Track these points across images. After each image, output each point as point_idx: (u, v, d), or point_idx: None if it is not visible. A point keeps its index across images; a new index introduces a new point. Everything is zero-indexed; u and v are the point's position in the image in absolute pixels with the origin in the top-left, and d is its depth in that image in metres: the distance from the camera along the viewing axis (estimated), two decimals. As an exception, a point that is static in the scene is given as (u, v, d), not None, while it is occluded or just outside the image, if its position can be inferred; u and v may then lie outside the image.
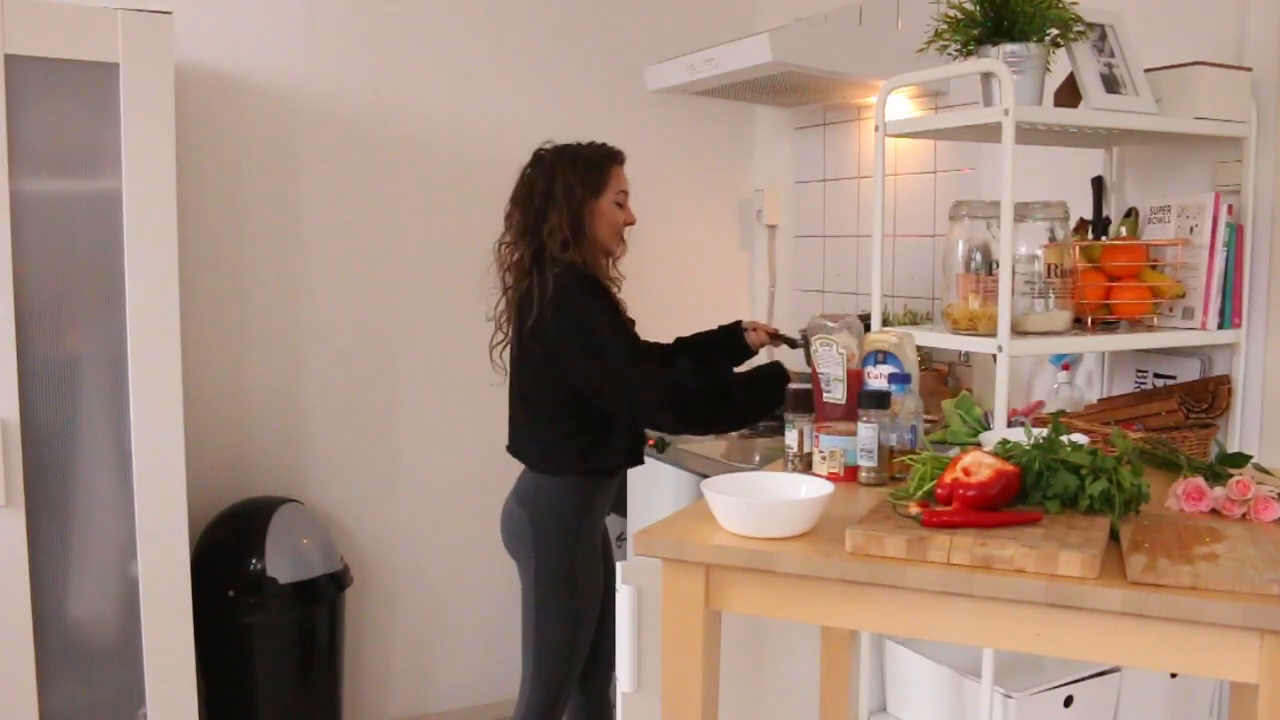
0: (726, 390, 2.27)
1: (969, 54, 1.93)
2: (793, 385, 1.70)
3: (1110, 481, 1.33)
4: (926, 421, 1.71)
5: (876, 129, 2.09)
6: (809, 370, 1.75)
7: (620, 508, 2.90)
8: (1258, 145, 2.07)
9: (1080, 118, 1.97)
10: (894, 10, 3.00)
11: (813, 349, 1.74)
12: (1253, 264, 2.10)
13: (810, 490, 1.41)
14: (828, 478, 1.53)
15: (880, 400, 1.56)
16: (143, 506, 2.35)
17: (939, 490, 1.34)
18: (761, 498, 1.40)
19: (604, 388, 2.19)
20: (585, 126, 2.40)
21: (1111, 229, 2.29)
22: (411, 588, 3.20)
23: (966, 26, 1.90)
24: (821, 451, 1.58)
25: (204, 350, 2.84)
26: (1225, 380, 2.12)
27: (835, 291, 3.32)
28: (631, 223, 2.31)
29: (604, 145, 2.28)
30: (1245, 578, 1.12)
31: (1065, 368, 2.46)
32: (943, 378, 2.82)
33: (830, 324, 1.72)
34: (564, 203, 2.20)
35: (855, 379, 1.67)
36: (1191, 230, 2.08)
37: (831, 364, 1.71)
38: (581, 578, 2.26)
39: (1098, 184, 2.36)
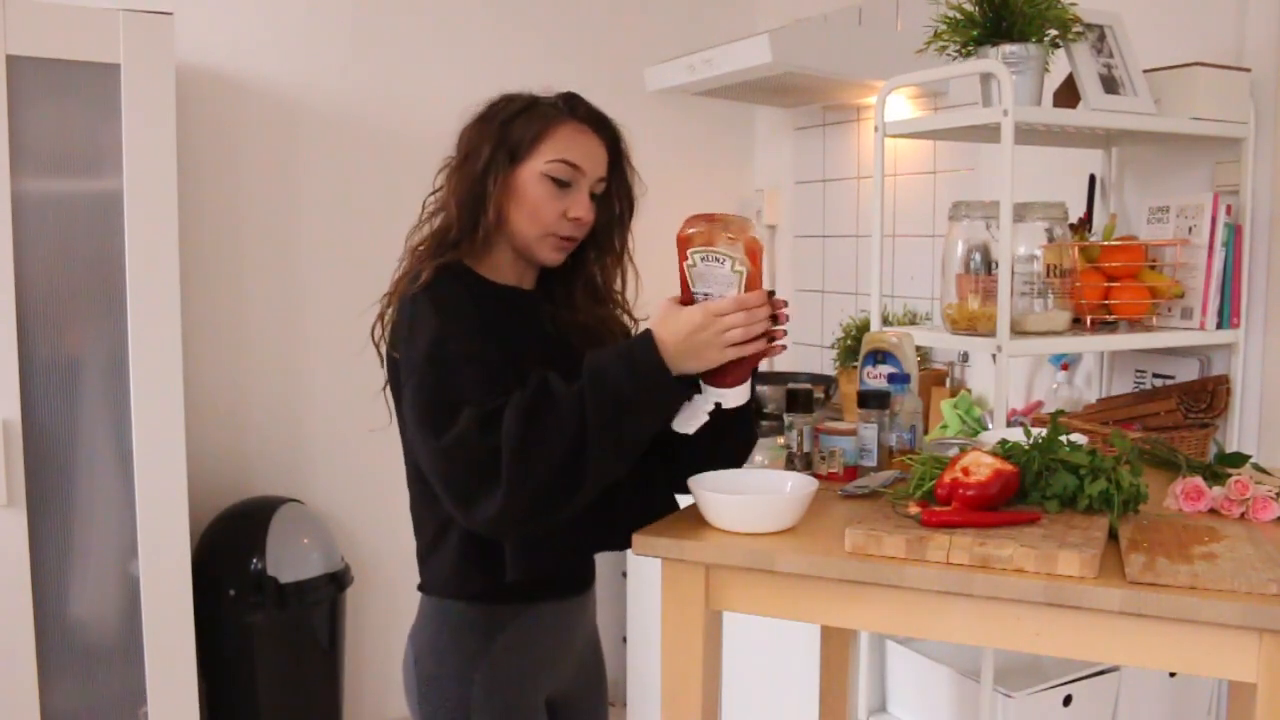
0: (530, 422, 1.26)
1: (968, 54, 1.94)
2: (792, 385, 1.65)
3: (1109, 481, 1.33)
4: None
5: (876, 129, 2.09)
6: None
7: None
8: (1256, 146, 2.08)
9: (1079, 118, 1.98)
10: (894, 11, 3.00)
11: (689, 264, 1.34)
12: (1251, 264, 2.10)
13: (795, 487, 1.41)
14: (827, 478, 1.54)
15: (880, 400, 1.57)
16: (144, 506, 2.35)
17: (938, 490, 1.34)
18: (747, 494, 1.39)
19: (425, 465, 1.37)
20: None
21: (1094, 228, 2.30)
22: (411, 587, 3.20)
23: (966, 27, 1.91)
24: (821, 451, 1.58)
25: (205, 350, 2.84)
26: (1224, 380, 2.12)
27: (835, 291, 3.32)
28: (578, 219, 1.45)
29: (564, 93, 1.50)
30: (1244, 577, 1.12)
31: (1064, 368, 2.46)
32: (942, 378, 2.83)
33: (707, 226, 1.31)
34: (460, 168, 1.44)
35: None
36: (1190, 230, 2.09)
37: (718, 284, 1.33)
38: None
39: (1092, 181, 2.36)
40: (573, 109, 1.47)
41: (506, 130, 1.43)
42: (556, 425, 1.26)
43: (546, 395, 1.28)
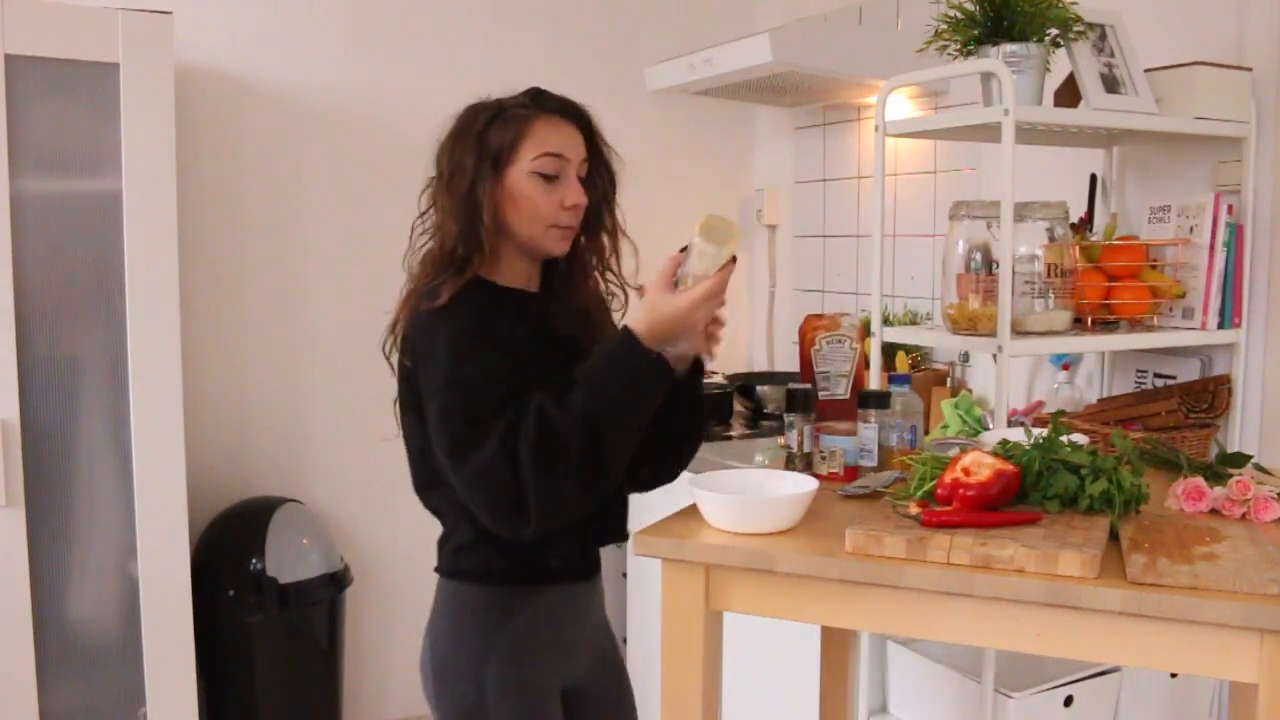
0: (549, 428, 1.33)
1: (969, 54, 1.93)
2: (792, 385, 1.66)
3: (1110, 481, 1.33)
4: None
5: (876, 129, 2.09)
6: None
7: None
8: (1257, 145, 2.07)
9: (1080, 118, 1.97)
10: (894, 10, 3.00)
11: (816, 348, 1.69)
12: (1252, 264, 2.10)
13: (795, 486, 1.41)
14: (828, 478, 1.53)
15: (881, 400, 1.56)
16: (143, 506, 2.35)
17: (939, 490, 1.34)
18: (747, 494, 1.40)
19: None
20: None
21: (1095, 228, 2.29)
22: (411, 588, 3.19)
23: (966, 26, 1.90)
24: (821, 451, 1.58)
25: (204, 350, 2.84)
26: (1225, 380, 2.12)
27: (835, 291, 3.32)
28: (573, 206, 1.49)
29: (528, 91, 1.51)
30: (1245, 578, 1.12)
31: (1065, 368, 2.46)
32: (942, 377, 2.82)
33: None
34: (448, 187, 1.47)
35: (859, 375, 1.67)
36: (1191, 230, 2.08)
37: (839, 361, 1.68)
38: None
39: (1093, 181, 2.36)
40: (540, 103, 1.50)
41: (484, 140, 1.46)
42: (567, 445, 1.33)
43: (547, 424, 1.34)
